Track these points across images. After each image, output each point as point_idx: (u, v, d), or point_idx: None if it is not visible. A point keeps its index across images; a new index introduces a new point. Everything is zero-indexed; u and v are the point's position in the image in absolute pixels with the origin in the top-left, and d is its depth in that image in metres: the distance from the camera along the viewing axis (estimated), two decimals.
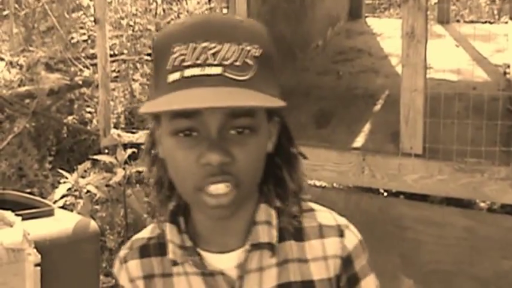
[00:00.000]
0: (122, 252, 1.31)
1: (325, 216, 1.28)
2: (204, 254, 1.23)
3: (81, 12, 7.99)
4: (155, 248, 1.27)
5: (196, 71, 1.09)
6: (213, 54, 1.09)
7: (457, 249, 3.75)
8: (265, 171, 1.20)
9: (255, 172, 1.16)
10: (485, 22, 7.33)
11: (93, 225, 3.71)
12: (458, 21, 7.73)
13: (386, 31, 6.08)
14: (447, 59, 5.01)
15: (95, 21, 5.35)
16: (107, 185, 5.10)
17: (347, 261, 1.25)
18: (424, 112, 3.64)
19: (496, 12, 8.82)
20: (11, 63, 7.42)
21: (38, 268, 3.29)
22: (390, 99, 4.42)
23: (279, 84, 1.19)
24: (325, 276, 1.24)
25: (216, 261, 1.23)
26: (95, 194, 5.09)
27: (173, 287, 1.25)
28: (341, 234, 1.26)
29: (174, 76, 1.10)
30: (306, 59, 5.26)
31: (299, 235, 1.25)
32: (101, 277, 4.04)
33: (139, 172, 5.50)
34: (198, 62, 1.09)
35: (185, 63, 1.09)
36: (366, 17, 6.79)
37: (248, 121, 1.11)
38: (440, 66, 4.84)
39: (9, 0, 7.95)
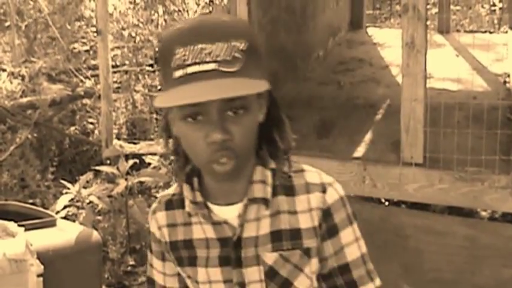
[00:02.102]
0: (153, 205, 1.63)
1: (312, 175, 1.53)
2: (212, 206, 1.52)
3: (83, 23, 8.01)
4: (177, 202, 1.58)
5: (196, 68, 1.35)
6: (208, 53, 1.35)
7: (458, 257, 3.76)
8: (259, 136, 1.47)
9: (249, 142, 1.43)
10: (486, 32, 7.35)
11: (96, 235, 3.72)
12: (458, 30, 7.76)
13: (387, 41, 6.10)
14: (447, 68, 5.03)
15: (96, 32, 5.37)
16: (109, 196, 5.11)
17: (327, 213, 1.50)
18: (424, 121, 3.66)
19: (496, 21, 8.85)
20: (13, 74, 7.44)
21: (41, 279, 3.30)
22: (391, 109, 4.43)
23: (265, 67, 1.43)
24: (310, 225, 1.50)
25: (222, 212, 1.52)
26: (97, 205, 5.10)
27: (192, 233, 1.56)
28: (323, 190, 1.51)
29: (179, 73, 1.36)
30: (307, 69, 5.28)
31: (290, 191, 1.51)
32: None
33: (141, 183, 5.51)
34: (197, 60, 1.35)
35: (186, 62, 1.35)
36: (367, 27, 6.82)
37: (241, 102, 1.37)
38: (440, 75, 4.86)
39: (11, 11, 7.99)
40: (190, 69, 1.35)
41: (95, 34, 6.80)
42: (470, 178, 3.61)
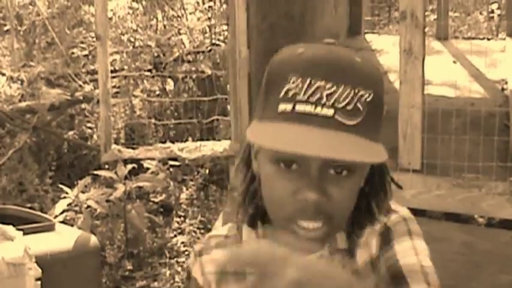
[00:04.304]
0: (198, 246, 1.35)
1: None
2: None
3: (82, 28, 8.02)
4: (231, 247, 1.31)
5: (308, 108, 1.11)
6: (328, 95, 1.11)
7: (456, 264, 3.76)
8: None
9: (347, 209, 1.20)
10: (483, 38, 7.37)
11: (94, 240, 3.73)
12: (456, 37, 7.78)
13: (385, 47, 6.12)
14: (445, 75, 5.04)
15: (96, 37, 5.38)
16: (107, 200, 5.12)
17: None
18: (422, 128, 3.67)
19: (494, 28, 8.87)
20: (11, 78, 7.44)
21: (39, 282, 3.31)
22: (388, 115, 4.42)
23: (382, 128, 1.19)
24: None
25: None
26: (95, 209, 5.11)
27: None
28: None
29: (285, 107, 1.12)
30: None
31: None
32: None
33: (139, 187, 5.52)
34: (312, 100, 1.11)
35: (298, 98, 1.11)
36: (365, 33, 6.84)
37: (348, 163, 1.14)
38: (438, 82, 4.88)
39: (10, 15, 7.99)
40: (300, 107, 1.11)
41: (94, 39, 6.81)
42: (468, 184, 3.62)
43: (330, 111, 1.10)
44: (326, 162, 1.13)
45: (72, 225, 4.48)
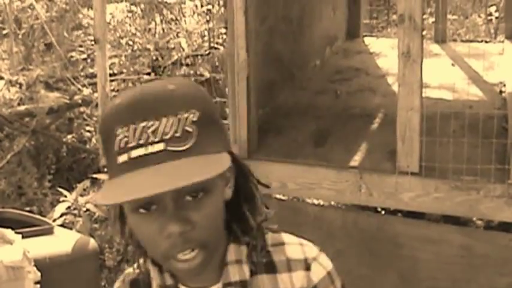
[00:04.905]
0: (116, 284, 1.40)
1: (293, 249, 1.33)
2: None
3: (81, 32, 8.03)
4: (144, 283, 1.34)
5: (141, 151, 1.15)
6: (153, 132, 1.14)
7: (454, 266, 3.77)
8: (228, 210, 1.27)
9: (216, 227, 1.23)
10: (482, 41, 7.38)
11: (93, 243, 3.74)
12: (455, 40, 7.78)
13: (384, 50, 6.12)
14: (443, 78, 5.05)
15: (94, 41, 5.39)
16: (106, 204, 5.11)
17: None
18: (420, 131, 3.67)
19: (492, 31, 8.88)
20: (10, 81, 7.45)
21: (38, 286, 3.32)
22: (387, 118, 4.45)
23: (224, 133, 1.25)
24: None
25: None
26: (94, 213, 5.12)
27: None
28: (307, 268, 1.30)
29: (123, 158, 1.16)
30: (304, 79, 5.30)
31: (270, 268, 1.30)
32: None
33: None
34: (141, 142, 1.15)
35: (129, 145, 1.15)
36: (364, 36, 6.84)
37: (200, 185, 1.16)
38: (436, 85, 4.88)
39: (9, 18, 8.00)
40: (134, 153, 1.15)
41: (93, 43, 6.81)
42: (466, 187, 3.62)
43: (160, 146, 1.14)
44: (178, 193, 1.15)
45: (71, 229, 4.48)
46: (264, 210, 1.32)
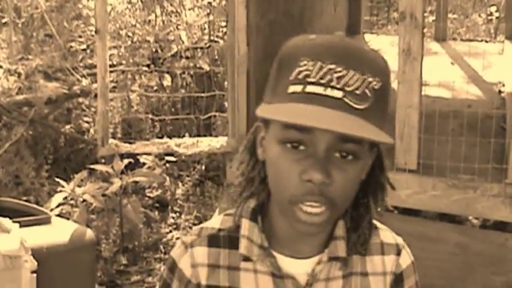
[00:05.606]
0: (188, 237, 1.32)
1: (386, 234, 1.37)
2: (276, 255, 1.27)
3: (81, 22, 8.02)
4: (225, 240, 1.30)
5: (318, 89, 1.13)
6: (338, 77, 1.13)
7: (450, 264, 3.78)
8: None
9: (348, 197, 1.20)
10: (482, 40, 7.39)
11: (90, 234, 3.74)
12: (455, 39, 7.79)
13: (384, 47, 6.12)
14: (443, 76, 5.05)
15: (95, 31, 5.38)
16: (103, 195, 5.13)
17: (399, 278, 1.36)
18: (418, 128, 3.68)
19: (492, 31, 8.89)
20: (9, 71, 7.44)
21: (34, 275, 3.32)
22: None
23: (389, 118, 1.22)
24: None
25: (288, 265, 1.27)
26: (91, 203, 5.12)
27: (238, 281, 1.28)
28: (398, 253, 1.36)
29: (296, 88, 1.14)
30: None
31: (363, 250, 1.32)
32: (96, 286, 4.06)
33: (135, 182, 5.53)
34: (322, 81, 1.13)
35: (309, 79, 1.13)
36: (364, 33, 6.84)
37: (354, 148, 1.15)
38: (435, 83, 4.89)
39: (8, 7, 7.98)
40: (310, 88, 1.13)
41: (93, 33, 6.81)
42: (463, 185, 3.63)
43: (339, 93, 1.12)
44: (333, 144, 1.14)
45: (67, 219, 4.48)
46: (385, 204, 1.31)
